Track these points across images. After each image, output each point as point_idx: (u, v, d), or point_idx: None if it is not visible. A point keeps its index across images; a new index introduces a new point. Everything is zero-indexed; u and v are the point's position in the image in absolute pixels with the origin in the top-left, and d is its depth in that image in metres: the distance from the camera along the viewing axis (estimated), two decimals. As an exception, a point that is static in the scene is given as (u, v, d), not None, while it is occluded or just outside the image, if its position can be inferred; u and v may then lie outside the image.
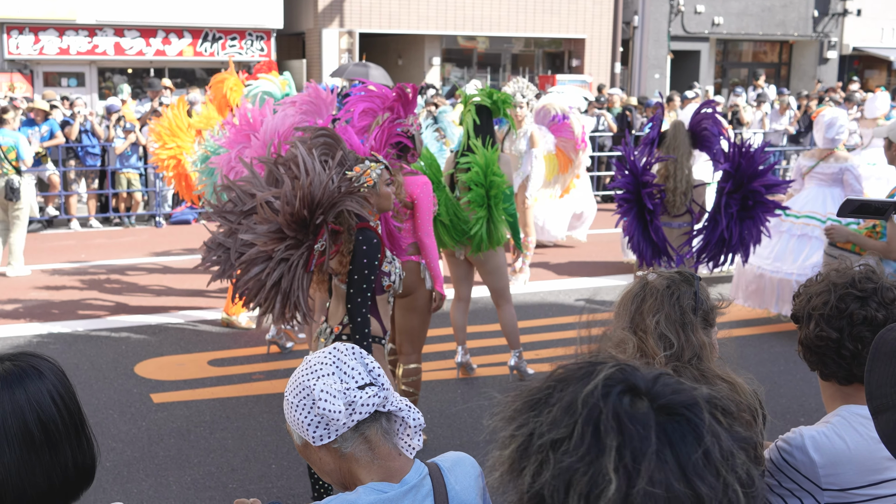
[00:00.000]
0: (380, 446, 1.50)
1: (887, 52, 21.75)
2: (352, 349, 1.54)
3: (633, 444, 0.82)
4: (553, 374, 0.95)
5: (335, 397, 1.45)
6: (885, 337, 1.19)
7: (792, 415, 4.56)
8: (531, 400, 0.92)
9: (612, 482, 0.81)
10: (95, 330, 6.09)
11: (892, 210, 1.52)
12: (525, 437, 0.89)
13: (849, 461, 1.63)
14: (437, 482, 1.53)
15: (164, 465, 4.05)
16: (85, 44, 16.60)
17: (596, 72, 19.20)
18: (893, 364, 1.14)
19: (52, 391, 1.32)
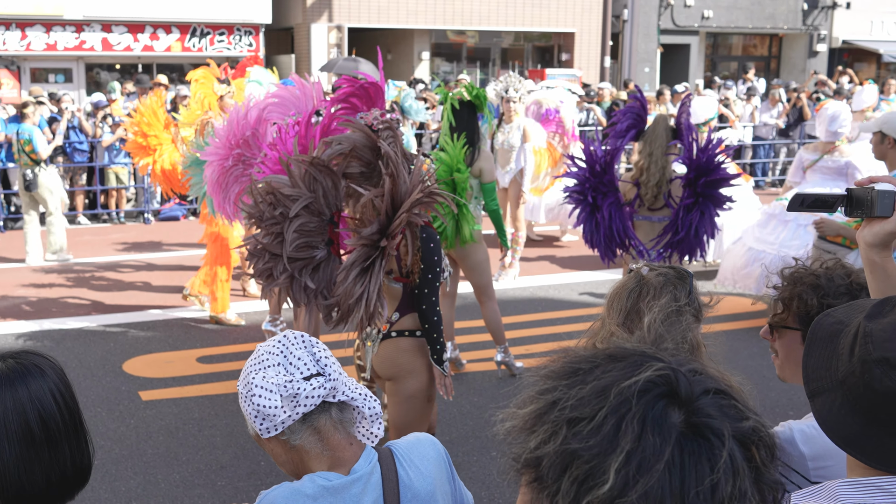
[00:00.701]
0: (330, 437, 1.49)
1: (876, 45, 21.84)
2: (301, 338, 1.51)
3: (644, 454, 0.81)
4: (607, 349, 0.93)
5: (271, 392, 1.44)
6: (822, 322, 1.21)
7: (781, 409, 4.58)
8: (571, 368, 0.91)
9: (608, 482, 0.81)
10: (83, 327, 6.06)
11: (840, 203, 1.52)
12: (547, 403, 0.88)
13: (837, 454, 1.61)
14: (387, 469, 1.51)
15: (153, 463, 4.04)
16: (72, 39, 16.48)
17: (585, 66, 19.21)
18: (828, 348, 1.17)
19: (53, 390, 1.33)
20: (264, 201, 2.88)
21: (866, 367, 1.10)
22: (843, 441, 1.13)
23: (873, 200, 1.44)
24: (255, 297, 6.80)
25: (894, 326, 1.11)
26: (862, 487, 1.12)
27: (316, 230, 2.89)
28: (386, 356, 3.03)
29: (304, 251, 2.87)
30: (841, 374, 1.14)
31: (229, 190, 4.26)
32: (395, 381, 3.05)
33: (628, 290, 1.90)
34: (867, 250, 1.46)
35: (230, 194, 4.25)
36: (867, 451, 1.11)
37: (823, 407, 1.15)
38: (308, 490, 1.44)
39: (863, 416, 1.11)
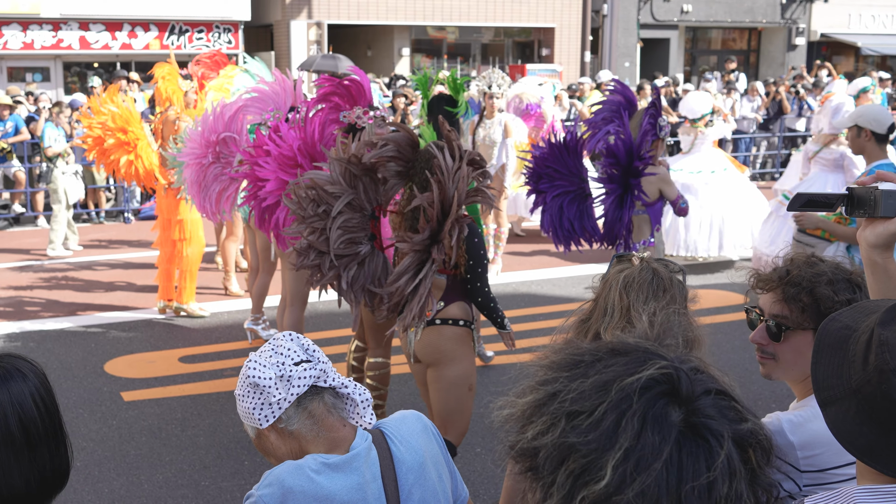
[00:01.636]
0: (324, 419, 1.56)
1: (854, 38, 22.06)
2: (289, 334, 1.61)
3: (643, 451, 0.81)
4: (610, 343, 0.92)
5: (266, 367, 1.53)
6: (829, 328, 1.19)
7: (764, 401, 4.63)
8: (573, 360, 0.90)
9: (605, 479, 0.80)
10: (64, 328, 6.01)
11: (840, 202, 1.50)
12: (547, 395, 0.87)
13: (826, 443, 1.62)
14: (381, 447, 1.59)
15: (136, 464, 4.02)
16: (49, 38, 16.28)
17: (566, 61, 19.25)
18: (837, 355, 1.15)
19: (34, 393, 1.33)
20: (307, 198, 2.94)
21: (884, 376, 1.07)
22: (860, 451, 1.11)
23: (877, 200, 1.39)
24: (237, 295, 6.77)
25: None
26: (881, 495, 1.09)
27: (359, 226, 2.97)
28: (429, 342, 3.11)
29: (348, 247, 2.96)
30: (855, 382, 1.11)
31: (209, 189, 4.24)
32: (437, 367, 3.14)
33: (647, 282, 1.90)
34: (869, 251, 1.42)
35: (210, 193, 4.23)
36: (884, 460, 1.09)
37: (837, 416, 1.13)
38: (311, 465, 1.51)
39: (879, 425, 1.08)
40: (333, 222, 2.90)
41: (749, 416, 0.89)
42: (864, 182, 1.47)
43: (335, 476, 1.51)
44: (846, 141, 6.07)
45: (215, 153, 4.07)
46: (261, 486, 1.52)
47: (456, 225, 2.82)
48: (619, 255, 2.02)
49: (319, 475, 1.50)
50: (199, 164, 4.15)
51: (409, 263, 2.85)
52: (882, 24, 22.66)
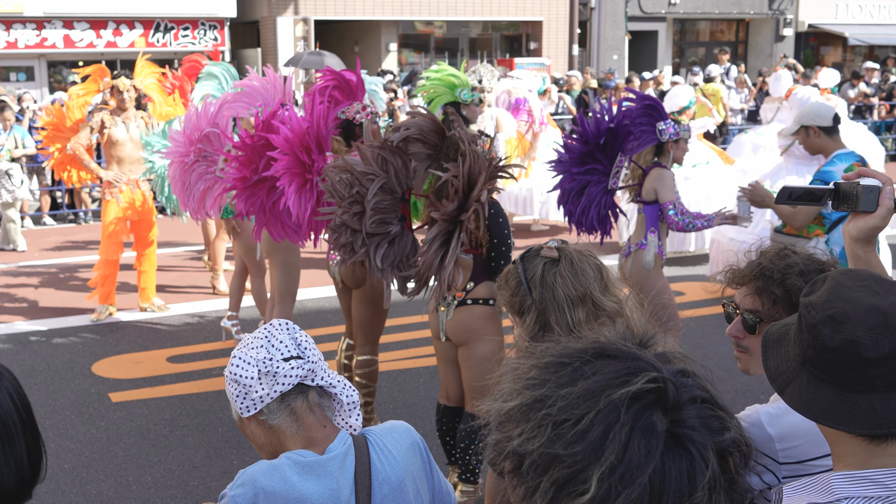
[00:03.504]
0: (305, 418, 1.54)
1: (842, 29, 22.13)
2: (286, 325, 1.57)
3: (629, 465, 0.81)
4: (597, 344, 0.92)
5: (249, 364, 1.51)
6: (770, 330, 1.28)
7: (752, 392, 4.64)
8: (559, 362, 0.90)
9: (590, 492, 0.80)
10: (50, 330, 5.96)
11: (828, 197, 1.53)
12: (534, 399, 0.87)
13: (803, 434, 1.64)
14: (360, 453, 1.55)
15: (124, 465, 3.99)
16: (33, 37, 16.14)
17: (554, 54, 19.24)
18: (780, 346, 1.22)
19: (9, 390, 1.37)
20: (341, 181, 3.10)
21: (815, 330, 1.13)
22: (821, 415, 1.13)
23: (858, 195, 1.45)
24: (225, 294, 6.74)
25: (830, 290, 1.15)
26: (856, 480, 1.12)
27: (390, 207, 3.13)
28: (460, 322, 3.26)
29: (380, 227, 3.12)
30: (799, 355, 1.17)
31: (193, 188, 4.19)
32: (467, 345, 3.28)
33: (588, 265, 1.87)
34: (851, 244, 1.47)
35: (194, 192, 4.19)
36: (847, 419, 1.11)
37: (794, 393, 1.17)
38: (285, 465, 1.49)
39: (830, 384, 1.12)
40: (368, 203, 3.06)
41: (731, 425, 0.90)
42: (849, 177, 1.50)
43: (309, 478, 1.49)
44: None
45: (198, 151, 4.04)
46: (234, 486, 1.51)
47: (481, 199, 2.96)
48: (523, 255, 1.96)
49: (294, 475, 1.48)
50: (182, 163, 4.11)
51: (438, 232, 2.99)
52: (869, 14, 22.74)
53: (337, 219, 3.15)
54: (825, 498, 1.13)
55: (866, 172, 1.49)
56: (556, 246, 1.89)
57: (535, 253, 1.90)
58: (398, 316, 5.93)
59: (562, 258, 1.86)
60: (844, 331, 1.11)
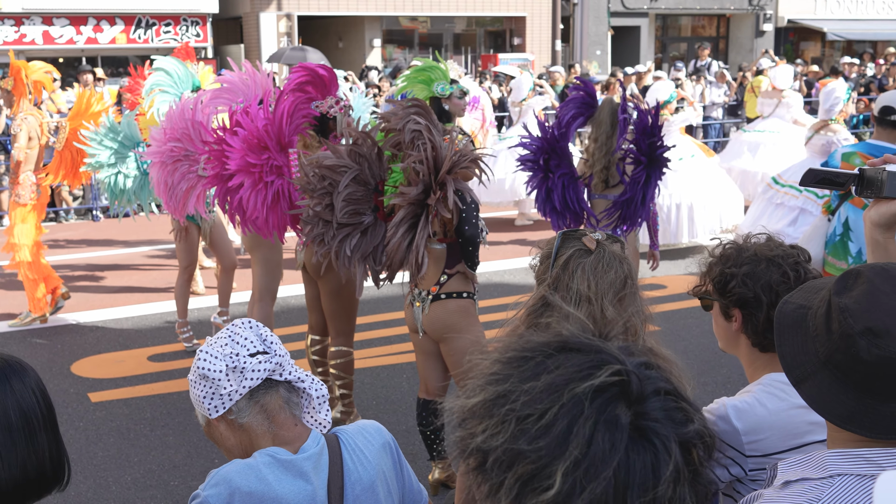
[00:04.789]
0: (276, 415, 1.52)
1: (821, 24, 22.31)
2: (248, 323, 1.55)
3: (594, 459, 0.81)
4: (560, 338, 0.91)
5: (217, 358, 1.48)
6: (784, 311, 1.23)
7: (733, 384, 4.67)
8: (522, 356, 0.89)
9: (555, 487, 0.80)
10: (29, 329, 5.90)
11: (852, 182, 1.54)
12: (497, 395, 0.86)
13: (770, 427, 1.66)
14: (332, 453, 1.54)
15: (104, 466, 3.96)
16: (11, 33, 15.94)
17: (537, 50, 19.25)
18: (799, 334, 1.18)
19: (33, 386, 1.39)
20: (315, 175, 3.13)
21: (851, 340, 1.11)
22: (841, 419, 1.13)
23: (883, 181, 1.45)
24: (200, 293, 6.69)
25: (867, 296, 1.12)
26: (850, 458, 1.13)
27: (363, 198, 3.16)
28: (436, 317, 3.29)
29: (352, 217, 3.15)
30: (823, 354, 1.14)
31: (176, 188, 4.15)
32: (446, 341, 3.31)
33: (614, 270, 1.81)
34: (872, 229, 1.49)
35: (177, 192, 4.14)
36: (865, 424, 1.11)
37: (813, 390, 1.16)
38: (260, 463, 1.47)
39: (854, 389, 1.11)
40: (339, 194, 3.08)
41: (694, 416, 0.90)
42: (875, 163, 1.51)
43: (285, 477, 1.47)
44: (837, 127, 6.17)
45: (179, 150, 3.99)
46: (207, 486, 1.48)
47: (449, 184, 2.99)
48: (566, 232, 1.89)
49: (270, 474, 1.46)
50: (163, 164, 4.07)
51: (403, 216, 3.01)
52: (847, 10, 22.94)
53: (310, 210, 3.17)
54: (819, 474, 1.14)
55: (893, 159, 1.51)
56: (600, 239, 1.84)
57: (577, 235, 1.86)
58: (379, 312, 5.92)
59: (595, 253, 1.81)
60: (883, 346, 1.09)
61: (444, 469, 3.66)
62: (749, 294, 1.73)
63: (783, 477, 1.19)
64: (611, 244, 1.86)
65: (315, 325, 4.33)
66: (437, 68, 4.55)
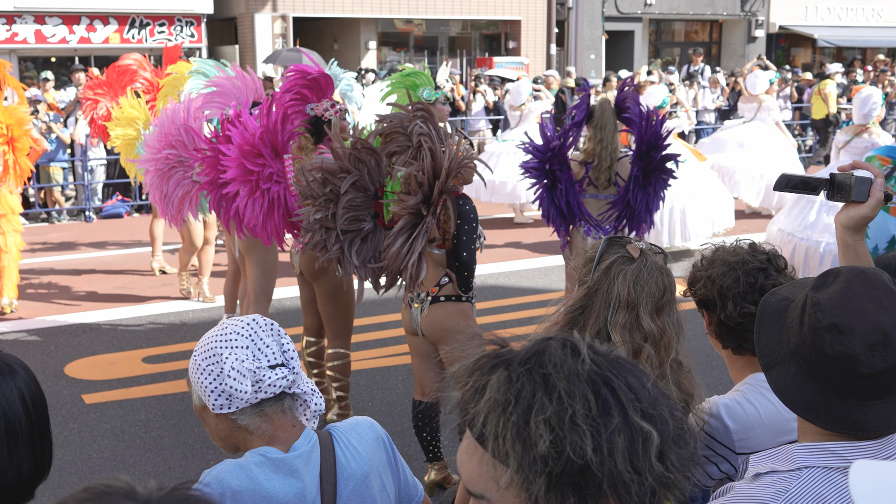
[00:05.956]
0: (276, 419, 1.52)
1: (811, 31, 22.47)
2: (270, 325, 1.54)
3: (640, 393, 0.91)
4: (500, 356, 0.95)
5: (244, 377, 1.46)
6: (769, 300, 1.29)
7: (724, 386, 4.69)
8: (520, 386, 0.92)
9: (652, 432, 0.89)
10: (23, 330, 5.87)
11: (824, 186, 1.59)
12: (553, 418, 0.90)
13: (759, 425, 1.71)
14: (325, 450, 1.54)
15: (98, 468, 3.94)
16: (3, 32, 15.85)
17: (532, 53, 19.30)
18: (776, 324, 1.24)
19: (22, 390, 1.33)
20: (315, 180, 3.12)
21: (817, 333, 1.16)
22: (800, 407, 1.18)
23: (851, 186, 1.51)
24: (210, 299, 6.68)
25: (840, 294, 1.17)
26: (817, 451, 1.17)
27: (363, 205, 3.17)
28: (435, 319, 3.31)
29: (353, 224, 3.15)
30: (793, 344, 1.20)
31: (171, 195, 4.13)
32: (444, 343, 3.33)
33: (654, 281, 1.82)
34: (842, 232, 1.55)
35: (173, 199, 4.13)
36: (822, 415, 1.16)
37: (779, 377, 1.21)
38: (251, 463, 1.48)
39: (816, 381, 1.17)
40: (339, 200, 3.07)
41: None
42: (844, 168, 1.56)
43: (275, 476, 1.48)
44: (877, 130, 6.24)
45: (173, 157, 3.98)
46: (198, 486, 1.47)
47: (448, 197, 2.99)
48: (612, 239, 1.91)
49: (260, 473, 1.47)
50: (157, 171, 4.06)
51: (403, 225, 3.02)
52: (837, 17, 23.12)
53: (311, 217, 3.15)
54: (787, 466, 1.18)
55: (860, 165, 1.57)
56: (644, 248, 1.86)
57: (622, 243, 1.88)
58: (375, 314, 5.92)
59: (638, 261, 1.82)
60: (844, 343, 1.14)
61: (440, 470, 3.67)
62: (709, 296, 1.80)
63: (754, 469, 1.24)
64: (653, 254, 1.87)
65: (310, 326, 4.34)
66: (422, 74, 4.56)
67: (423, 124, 3.06)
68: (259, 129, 3.54)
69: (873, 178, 1.53)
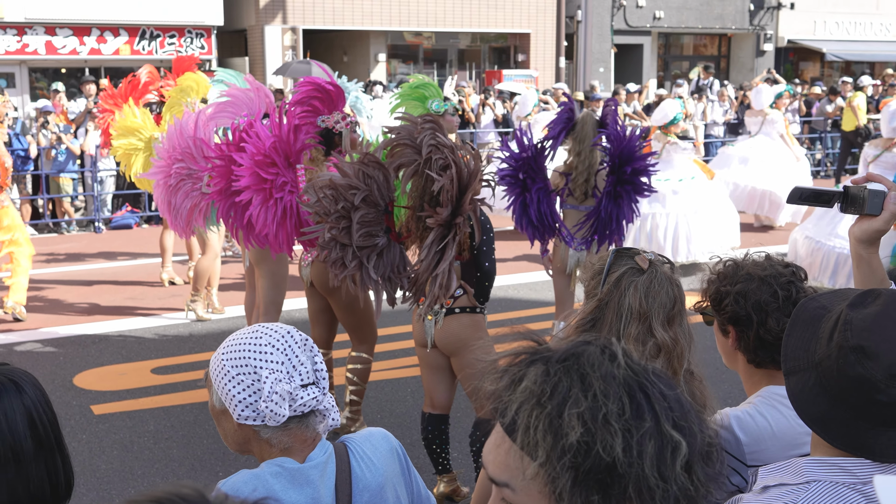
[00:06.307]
0: (297, 434, 1.51)
1: (820, 45, 22.47)
2: (304, 340, 1.51)
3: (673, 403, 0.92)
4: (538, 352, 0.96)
5: (284, 400, 1.44)
6: (806, 305, 1.28)
7: (734, 400, 4.60)
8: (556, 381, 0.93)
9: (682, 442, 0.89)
10: (31, 341, 5.87)
11: (837, 199, 1.58)
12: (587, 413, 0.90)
13: (771, 438, 1.70)
14: (340, 461, 1.53)
15: (106, 479, 3.92)
16: (14, 43, 15.97)
17: (541, 66, 19.35)
18: (808, 331, 1.23)
19: (30, 407, 1.31)
20: (325, 197, 3.10)
21: (842, 352, 1.16)
22: (811, 419, 1.19)
23: (864, 199, 1.52)
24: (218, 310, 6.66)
25: (874, 317, 1.16)
26: (826, 466, 1.17)
27: (374, 220, 3.16)
28: (450, 331, 3.34)
29: (367, 240, 3.14)
30: (818, 356, 1.19)
31: (180, 207, 4.12)
32: (458, 355, 3.36)
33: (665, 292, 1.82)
34: (856, 245, 1.54)
35: (181, 211, 4.12)
36: (831, 431, 1.16)
37: (797, 385, 1.21)
38: (267, 474, 1.47)
39: (832, 398, 1.16)
40: (352, 216, 3.08)
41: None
42: (858, 181, 1.57)
43: (291, 487, 1.47)
44: None
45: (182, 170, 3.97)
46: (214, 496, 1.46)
47: (472, 209, 3.02)
48: (619, 250, 1.90)
49: (277, 484, 1.46)
50: (165, 183, 4.05)
51: (434, 238, 3.03)
52: (846, 31, 23.12)
53: (326, 234, 3.14)
54: (796, 479, 1.19)
55: (874, 177, 1.57)
56: (652, 259, 1.86)
57: (630, 254, 1.88)
58: (384, 326, 5.90)
59: (648, 272, 1.82)
60: (867, 367, 1.14)
61: (449, 483, 3.64)
62: (741, 312, 1.76)
63: (763, 482, 1.24)
64: (661, 264, 1.86)
65: (318, 338, 4.35)
66: (431, 85, 4.58)
67: (435, 136, 3.06)
68: (271, 139, 3.54)
69: (887, 191, 1.53)
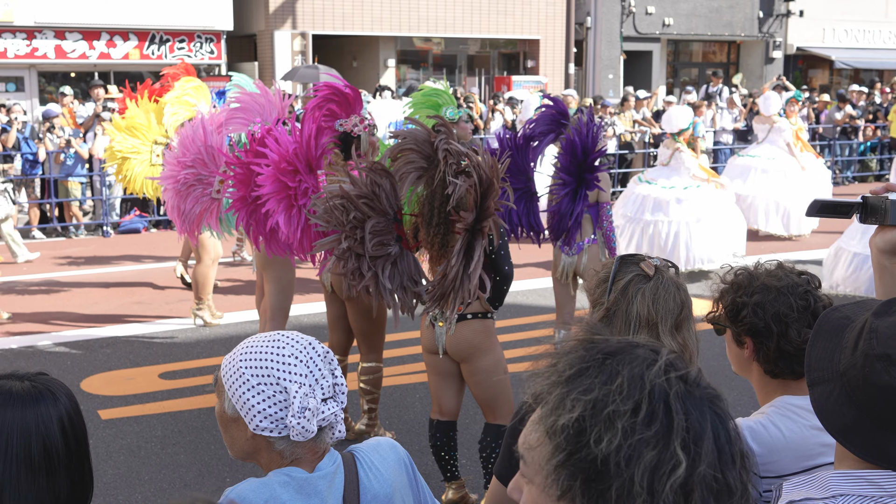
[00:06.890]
0: (310, 447, 1.49)
1: (829, 52, 22.41)
2: (325, 353, 1.49)
3: (694, 426, 0.89)
4: (592, 342, 0.97)
5: (314, 416, 1.42)
6: (830, 316, 1.27)
7: (743, 407, 4.60)
8: (584, 367, 0.94)
9: (683, 462, 0.87)
10: (38, 346, 5.85)
11: (856, 210, 1.55)
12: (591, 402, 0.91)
13: (784, 449, 1.68)
14: (348, 471, 1.52)
15: (113, 484, 3.89)
16: (23, 47, 16.04)
17: (551, 73, 19.34)
18: (832, 341, 1.22)
19: (63, 417, 1.33)
20: (336, 207, 3.07)
21: (868, 361, 1.14)
22: (836, 431, 1.17)
23: (887, 209, 1.49)
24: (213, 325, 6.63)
25: None
26: (853, 479, 1.16)
27: (385, 229, 3.13)
28: (462, 337, 3.32)
29: (380, 249, 3.12)
30: (842, 366, 1.18)
31: (189, 212, 4.10)
32: (469, 361, 3.34)
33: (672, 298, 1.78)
34: (878, 255, 1.53)
35: (190, 216, 4.10)
36: (857, 442, 1.14)
37: (822, 396, 1.19)
38: (275, 483, 1.45)
39: (858, 408, 1.15)
40: (365, 226, 3.05)
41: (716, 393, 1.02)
42: (877, 191, 1.54)
43: (299, 497, 1.45)
44: None
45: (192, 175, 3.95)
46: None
47: (493, 206, 2.98)
48: (624, 257, 1.88)
49: (284, 493, 1.44)
50: (175, 189, 4.03)
51: (462, 244, 2.99)
52: (855, 39, 23.06)
53: (342, 245, 3.11)
54: (821, 494, 1.17)
55: (894, 188, 1.54)
56: (658, 265, 1.84)
57: (635, 261, 1.85)
58: (392, 332, 5.87)
59: (654, 279, 1.80)
60: (893, 375, 1.12)
61: (458, 489, 3.61)
62: (760, 324, 1.74)
63: (787, 497, 1.22)
64: (667, 269, 1.84)
65: (336, 344, 4.33)
66: (444, 93, 4.56)
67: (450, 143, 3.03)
68: (293, 144, 3.50)
69: None
